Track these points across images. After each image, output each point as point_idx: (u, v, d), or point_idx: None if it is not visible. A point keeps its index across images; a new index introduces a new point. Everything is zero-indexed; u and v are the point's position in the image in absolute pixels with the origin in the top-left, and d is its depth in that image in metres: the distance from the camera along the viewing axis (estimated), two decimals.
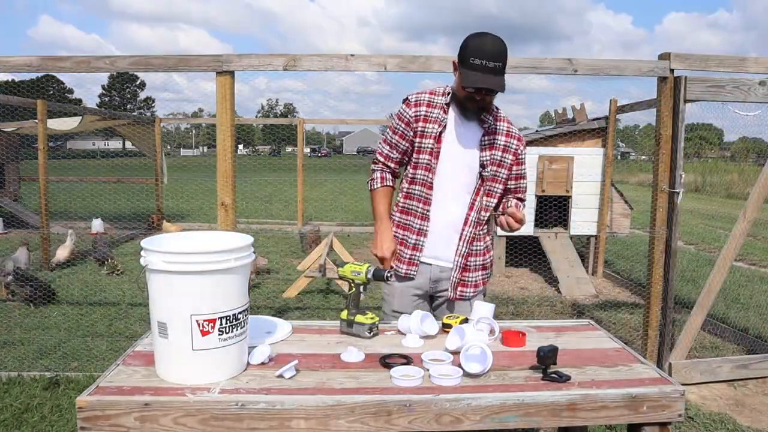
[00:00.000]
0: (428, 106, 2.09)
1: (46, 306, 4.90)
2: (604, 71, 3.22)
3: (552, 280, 6.21)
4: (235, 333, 1.52)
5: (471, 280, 2.19)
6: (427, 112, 2.09)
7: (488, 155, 2.09)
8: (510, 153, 2.13)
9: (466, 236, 2.12)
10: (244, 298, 1.55)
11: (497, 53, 1.90)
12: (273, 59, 3.09)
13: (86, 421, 1.37)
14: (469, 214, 2.12)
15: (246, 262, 1.52)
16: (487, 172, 2.09)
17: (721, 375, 3.52)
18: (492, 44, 1.91)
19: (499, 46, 1.92)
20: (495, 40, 1.92)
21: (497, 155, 2.11)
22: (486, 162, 2.09)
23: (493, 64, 1.90)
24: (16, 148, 9.72)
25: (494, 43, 1.92)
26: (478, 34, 1.96)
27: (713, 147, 8.44)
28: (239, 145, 45.23)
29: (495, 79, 1.92)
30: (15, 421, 2.86)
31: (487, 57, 1.89)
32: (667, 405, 1.49)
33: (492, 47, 1.91)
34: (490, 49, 1.90)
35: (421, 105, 2.10)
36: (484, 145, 2.10)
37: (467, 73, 1.93)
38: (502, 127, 2.13)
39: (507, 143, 2.13)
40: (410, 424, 1.41)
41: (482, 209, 2.13)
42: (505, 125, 2.15)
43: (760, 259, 7.75)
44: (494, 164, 2.10)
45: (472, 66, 1.91)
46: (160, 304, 1.48)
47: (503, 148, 2.12)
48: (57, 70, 3.16)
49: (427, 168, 2.09)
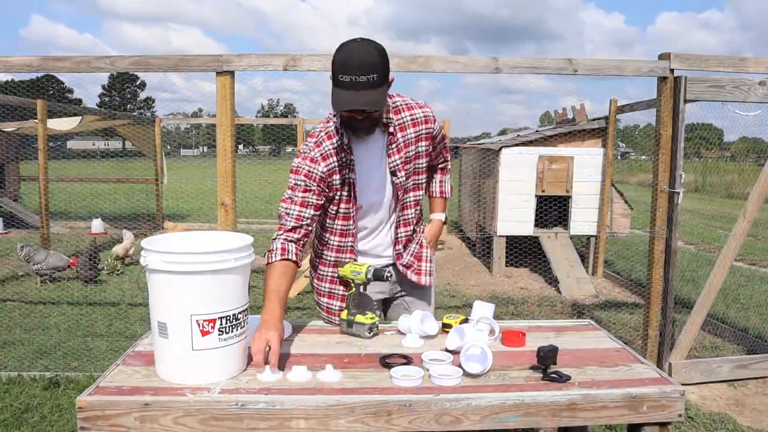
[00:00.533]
0: (336, 154, 1.84)
1: (46, 305, 4.90)
2: (604, 71, 3.22)
3: (552, 280, 6.21)
4: (235, 333, 1.52)
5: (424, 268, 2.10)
6: (339, 160, 1.83)
7: (397, 159, 1.89)
8: (422, 139, 1.93)
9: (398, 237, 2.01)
10: (244, 298, 1.55)
11: (368, 64, 1.61)
12: (273, 59, 3.09)
13: (86, 421, 1.37)
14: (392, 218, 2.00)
15: (246, 262, 1.52)
16: (399, 179, 1.90)
17: (721, 375, 3.52)
18: (361, 54, 1.62)
19: (369, 55, 1.63)
20: (364, 48, 1.64)
21: (411, 151, 1.91)
22: (397, 167, 1.89)
23: (365, 78, 1.61)
24: (16, 148, 9.72)
25: (363, 53, 1.63)
26: (346, 44, 1.67)
27: (713, 147, 8.42)
28: (239, 145, 45.25)
29: (371, 95, 1.64)
30: (15, 421, 2.86)
31: (354, 71, 1.61)
32: (667, 405, 1.49)
33: (361, 58, 1.62)
34: (356, 61, 1.61)
35: (329, 156, 1.83)
36: (391, 150, 1.88)
37: (336, 93, 1.65)
38: (405, 118, 1.90)
39: (417, 132, 1.91)
40: (410, 424, 1.41)
41: (404, 208, 1.98)
42: (407, 114, 1.90)
43: (760, 259, 7.75)
44: (409, 162, 1.91)
45: (342, 84, 1.63)
46: (160, 304, 1.48)
47: (415, 139, 1.91)
48: (57, 70, 3.16)
49: (345, 218, 1.91)
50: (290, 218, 1.83)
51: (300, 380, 1.51)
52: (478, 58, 3.20)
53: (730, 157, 11.92)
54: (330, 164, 1.84)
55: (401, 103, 1.92)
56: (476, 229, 7.57)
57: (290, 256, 1.80)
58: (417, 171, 1.97)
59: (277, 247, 1.81)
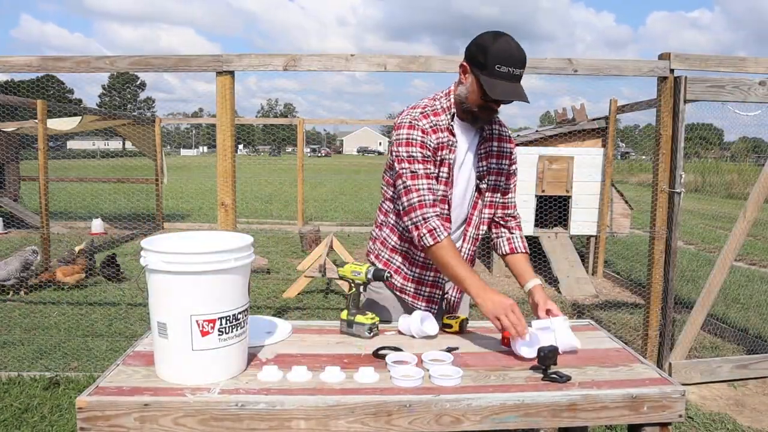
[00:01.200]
0: (440, 132, 1.84)
1: (46, 305, 4.90)
2: (604, 71, 3.22)
3: (552, 280, 6.21)
4: (235, 333, 1.51)
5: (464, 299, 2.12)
6: (440, 138, 1.84)
7: (485, 165, 1.92)
8: (505, 158, 1.97)
9: (465, 255, 1.96)
10: (244, 298, 1.55)
11: (523, 60, 1.71)
12: (273, 59, 3.09)
13: (86, 422, 1.36)
14: (467, 230, 1.96)
15: (246, 262, 1.52)
16: (485, 184, 1.93)
17: (721, 375, 3.52)
18: (518, 49, 1.70)
19: (523, 52, 1.72)
20: (516, 43, 1.71)
21: (494, 164, 1.94)
22: (483, 173, 1.92)
23: (520, 72, 1.70)
24: (16, 148, 9.72)
25: (519, 48, 1.71)
26: (498, 35, 1.72)
27: (713, 147, 8.42)
28: (239, 145, 45.31)
29: (521, 89, 1.73)
30: (15, 421, 2.86)
31: (515, 64, 1.68)
32: (668, 405, 1.49)
33: (519, 52, 1.70)
34: (517, 54, 1.69)
35: (436, 131, 1.84)
36: (481, 154, 1.92)
37: (493, 82, 1.69)
38: (494, 131, 1.95)
39: (500, 148, 1.95)
40: (410, 424, 1.41)
41: (480, 223, 1.98)
42: (497, 129, 1.96)
43: (760, 259, 7.75)
44: (492, 173, 1.94)
45: (499, 74, 1.69)
46: (160, 304, 1.48)
47: (497, 154, 1.94)
48: (57, 70, 3.16)
49: (443, 200, 1.87)
50: (426, 192, 1.79)
51: (300, 380, 1.51)
52: None
53: (730, 157, 11.92)
54: (440, 138, 1.83)
55: (495, 117, 1.93)
56: None
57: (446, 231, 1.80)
58: (496, 188, 1.97)
59: (437, 225, 1.77)
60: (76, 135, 12.23)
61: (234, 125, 3.14)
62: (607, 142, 6.38)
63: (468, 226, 1.97)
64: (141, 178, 10.69)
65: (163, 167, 9.71)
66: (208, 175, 14.82)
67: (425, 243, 1.78)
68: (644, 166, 21.56)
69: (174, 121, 14.28)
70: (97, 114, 8.74)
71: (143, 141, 9.58)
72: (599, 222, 6.49)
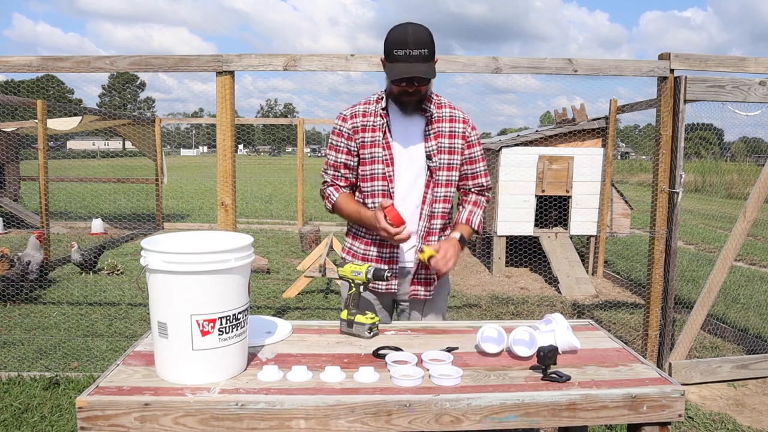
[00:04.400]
0: (364, 116, 2.04)
1: (46, 305, 4.90)
2: (605, 71, 3.22)
3: (552, 280, 6.21)
4: (235, 333, 1.52)
5: (432, 276, 2.12)
6: (365, 122, 2.04)
7: (433, 144, 2.04)
8: (457, 137, 2.07)
9: (420, 231, 2.06)
10: (245, 298, 1.55)
11: (420, 40, 1.84)
12: (273, 59, 3.09)
13: (86, 421, 1.37)
14: (422, 208, 2.06)
15: (246, 262, 1.52)
16: (434, 163, 2.03)
17: (721, 375, 3.52)
18: (413, 32, 1.85)
19: (421, 33, 1.85)
20: (416, 27, 1.87)
21: (444, 143, 2.05)
22: (432, 152, 2.03)
23: (418, 52, 1.84)
24: (16, 148, 9.72)
25: (415, 31, 1.85)
26: (398, 25, 1.91)
27: (713, 147, 8.43)
28: (239, 145, 45.23)
29: (422, 67, 1.85)
30: (15, 421, 2.86)
31: (410, 46, 1.83)
32: (667, 405, 1.49)
33: (413, 35, 1.85)
34: (411, 37, 1.84)
35: (356, 116, 2.05)
36: (428, 135, 2.04)
37: (392, 66, 1.87)
38: (444, 113, 2.07)
39: (452, 128, 2.07)
40: (410, 424, 1.41)
41: (434, 201, 2.07)
42: (448, 110, 2.08)
43: (760, 259, 7.75)
44: (442, 152, 2.04)
45: (396, 58, 1.86)
46: (160, 304, 1.48)
47: (449, 134, 2.06)
48: (57, 70, 3.16)
49: (384, 178, 2.03)
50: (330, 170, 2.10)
51: (300, 380, 1.51)
52: (478, 58, 3.20)
53: (730, 157, 11.92)
54: (366, 121, 2.04)
55: (445, 101, 2.11)
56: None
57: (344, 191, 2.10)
58: (450, 167, 2.08)
59: (330, 193, 2.10)
60: (76, 135, 12.23)
61: (234, 125, 3.14)
62: (607, 142, 6.38)
63: (423, 204, 2.07)
64: (141, 178, 10.69)
65: (163, 167, 9.71)
66: (208, 175, 14.83)
67: (327, 209, 2.15)
68: (644, 166, 21.57)
69: (174, 121, 14.27)
70: (97, 114, 8.74)
71: (143, 141, 9.59)
72: (599, 222, 6.49)
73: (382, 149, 2.02)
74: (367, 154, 2.04)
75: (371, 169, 2.04)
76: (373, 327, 1.86)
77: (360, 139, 2.04)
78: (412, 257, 2.09)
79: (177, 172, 19.89)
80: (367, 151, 2.04)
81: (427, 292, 2.12)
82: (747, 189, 4.06)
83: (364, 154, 2.04)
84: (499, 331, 1.73)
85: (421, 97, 1.99)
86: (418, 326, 2.02)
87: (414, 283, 2.11)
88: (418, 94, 1.97)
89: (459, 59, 3.20)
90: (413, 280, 2.11)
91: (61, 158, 21.62)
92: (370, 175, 2.04)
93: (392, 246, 2.06)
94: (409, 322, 2.12)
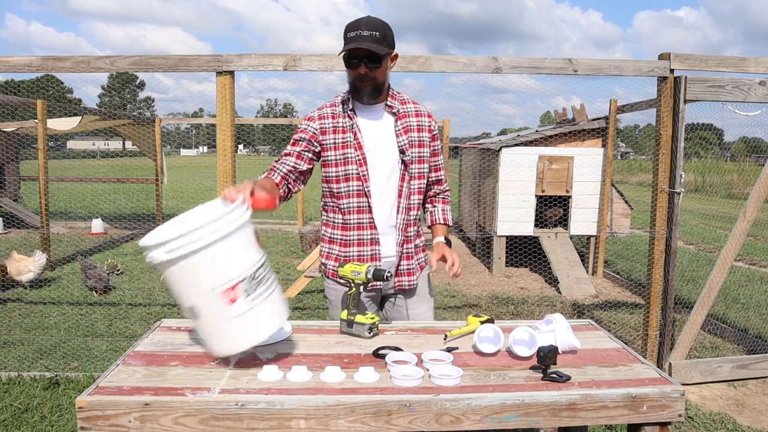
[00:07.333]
0: (333, 118, 2.06)
1: (46, 305, 4.90)
2: (605, 71, 3.22)
3: (552, 280, 6.21)
4: (261, 290, 1.52)
5: (413, 266, 2.17)
6: (334, 123, 2.06)
7: (405, 139, 2.07)
8: (424, 131, 2.13)
9: (399, 225, 2.10)
10: (256, 254, 1.54)
11: (372, 24, 1.92)
12: (273, 59, 3.09)
13: (86, 421, 1.37)
14: (400, 201, 2.09)
15: (242, 221, 1.49)
16: (408, 156, 2.07)
17: (721, 375, 3.52)
18: (367, 19, 1.94)
19: (375, 20, 1.94)
20: (371, 17, 1.96)
21: (414, 137, 2.09)
22: (405, 146, 2.07)
23: (369, 33, 1.90)
24: (16, 148, 9.72)
25: (369, 18, 1.95)
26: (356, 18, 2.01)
27: (713, 147, 8.44)
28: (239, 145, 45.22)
29: (372, 45, 1.89)
30: (15, 421, 2.86)
31: (361, 27, 1.90)
32: (667, 405, 1.49)
33: (366, 20, 1.93)
34: (363, 21, 1.93)
35: (325, 118, 2.06)
36: (399, 130, 2.08)
37: (344, 47, 1.93)
38: (410, 108, 2.13)
39: (420, 122, 2.12)
40: (410, 424, 1.41)
41: (411, 194, 2.11)
42: (412, 106, 2.14)
43: (760, 259, 7.75)
44: (413, 146, 2.09)
45: (348, 40, 1.92)
46: (181, 291, 1.49)
47: (417, 128, 2.11)
48: (57, 70, 3.16)
49: (359, 178, 2.04)
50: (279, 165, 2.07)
51: (300, 380, 1.51)
52: (478, 58, 3.20)
53: (730, 156, 11.92)
54: (325, 124, 2.06)
55: (408, 98, 2.17)
56: (476, 229, 7.57)
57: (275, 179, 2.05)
58: (421, 159, 2.12)
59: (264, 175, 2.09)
60: (76, 135, 12.23)
61: (234, 125, 3.14)
62: (607, 142, 6.38)
63: (399, 198, 2.09)
64: (141, 178, 10.69)
65: (163, 167, 9.71)
66: (208, 175, 14.83)
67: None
68: (644, 166, 21.57)
69: (174, 121, 14.25)
70: (97, 114, 8.73)
71: (143, 141, 9.58)
72: (599, 222, 6.49)
73: (354, 150, 2.03)
74: (339, 156, 2.04)
75: (345, 170, 2.04)
76: (373, 327, 1.86)
77: (329, 141, 2.04)
78: (393, 251, 2.11)
79: (177, 172, 19.90)
80: (339, 152, 2.04)
81: (410, 282, 2.16)
82: (747, 189, 4.07)
83: (336, 156, 2.04)
84: (495, 331, 1.74)
85: (376, 84, 2.00)
86: (418, 326, 2.02)
87: (398, 275, 2.14)
88: (373, 81, 1.98)
89: (459, 59, 3.20)
90: (397, 272, 2.14)
91: (61, 158, 21.61)
92: (345, 176, 2.04)
93: (373, 243, 2.07)
94: (409, 322, 2.12)
